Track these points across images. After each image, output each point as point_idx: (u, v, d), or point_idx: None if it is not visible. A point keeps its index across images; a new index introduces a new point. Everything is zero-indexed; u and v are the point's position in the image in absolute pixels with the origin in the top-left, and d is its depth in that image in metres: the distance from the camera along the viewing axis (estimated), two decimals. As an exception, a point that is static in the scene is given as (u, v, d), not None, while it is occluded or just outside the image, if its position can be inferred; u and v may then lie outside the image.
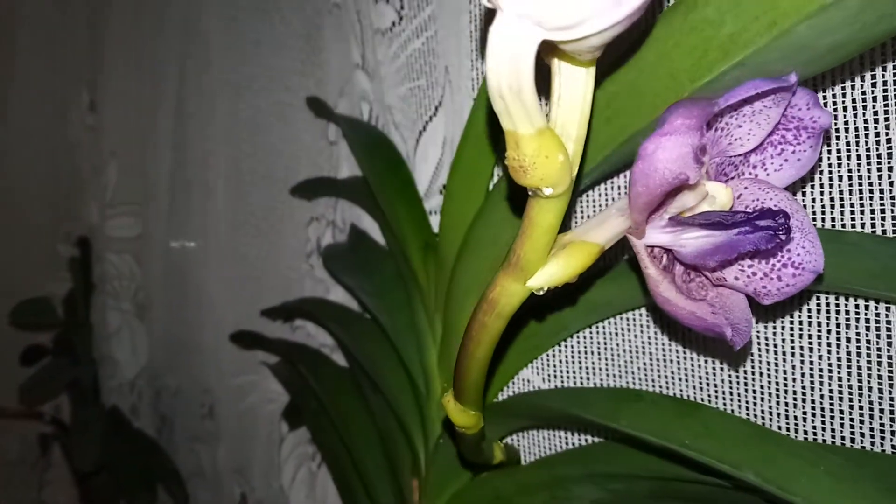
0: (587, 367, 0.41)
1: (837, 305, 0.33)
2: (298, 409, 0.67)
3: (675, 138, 0.19)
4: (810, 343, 0.34)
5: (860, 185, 0.31)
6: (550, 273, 0.21)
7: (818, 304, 0.33)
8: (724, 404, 0.36)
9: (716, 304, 0.23)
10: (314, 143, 0.68)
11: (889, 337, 0.31)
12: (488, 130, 0.36)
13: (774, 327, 0.34)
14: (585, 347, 0.41)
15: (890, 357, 0.32)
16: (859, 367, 0.32)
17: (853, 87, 0.30)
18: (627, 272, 0.36)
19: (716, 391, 0.37)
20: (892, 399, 0.32)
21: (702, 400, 0.37)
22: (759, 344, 0.35)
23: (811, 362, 0.34)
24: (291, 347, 0.62)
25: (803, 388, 0.34)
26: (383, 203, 0.48)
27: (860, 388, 0.32)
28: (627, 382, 0.40)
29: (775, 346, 0.34)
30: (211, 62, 0.76)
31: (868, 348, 0.32)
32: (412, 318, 0.46)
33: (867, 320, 0.32)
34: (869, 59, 0.29)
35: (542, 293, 0.22)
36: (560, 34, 0.15)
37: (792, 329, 0.34)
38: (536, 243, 0.20)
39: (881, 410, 0.32)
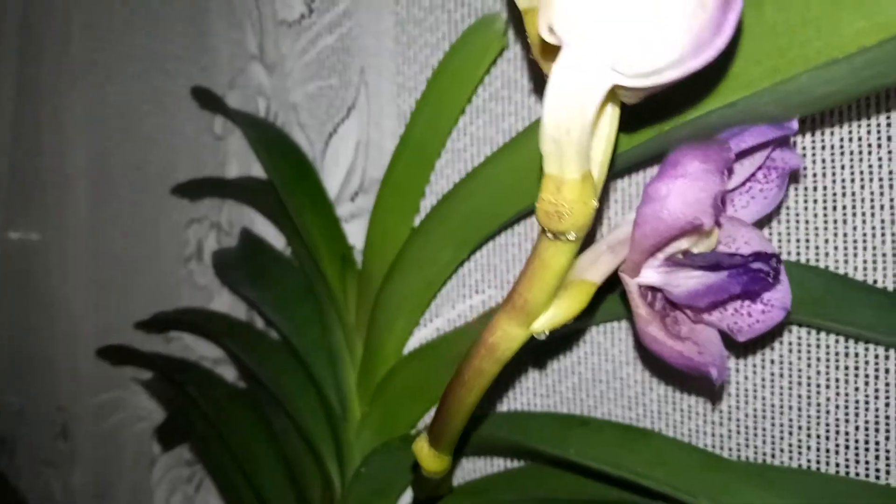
0: (514, 387, 0.41)
1: (762, 329, 0.35)
2: (174, 428, 0.62)
3: (691, 182, 0.19)
4: (736, 365, 0.35)
5: (787, 216, 0.34)
6: (553, 315, 0.21)
7: (745, 328, 0.35)
8: (652, 423, 0.38)
9: (699, 342, 0.24)
10: (198, 136, 0.63)
11: (808, 359, 0.34)
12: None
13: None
14: (512, 367, 0.41)
15: (809, 378, 0.34)
16: (781, 388, 0.35)
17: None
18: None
19: (644, 410, 0.38)
20: (808, 417, 0.34)
21: (630, 419, 0.38)
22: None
23: (737, 383, 0.35)
24: (172, 363, 0.57)
25: (729, 407, 0.36)
26: (293, 210, 0.45)
27: (781, 407, 0.35)
28: (555, 402, 0.40)
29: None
30: (71, 39, 0.68)
31: (790, 370, 0.34)
32: (325, 336, 0.44)
33: (790, 343, 0.34)
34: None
35: (543, 337, 0.21)
36: (634, 81, 0.14)
37: (719, 350, 0.36)
38: (546, 286, 0.20)
39: (799, 428, 0.34)
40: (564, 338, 0.39)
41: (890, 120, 0.30)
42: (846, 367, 0.33)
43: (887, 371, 0.32)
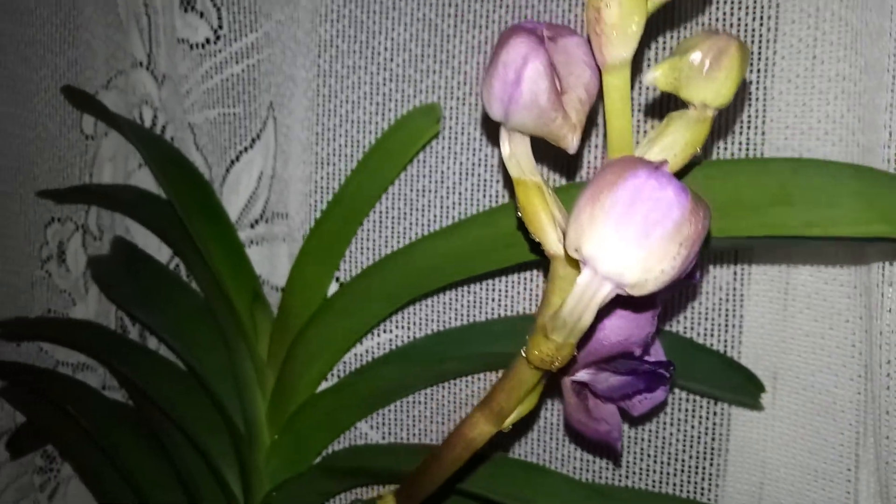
0: (413, 416, 0.47)
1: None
2: (31, 436, 0.61)
3: (629, 322, 0.26)
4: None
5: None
6: (518, 414, 0.27)
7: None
8: (532, 451, 0.45)
9: (609, 422, 0.31)
10: (63, 132, 0.61)
11: (658, 401, 0.43)
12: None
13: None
14: (413, 398, 0.46)
15: (657, 417, 0.43)
16: (635, 423, 0.44)
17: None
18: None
19: (525, 440, 0.46)
20: (655, 447, 0.44)
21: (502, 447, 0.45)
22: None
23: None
24: (39, 374, 0.56)
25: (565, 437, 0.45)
26: (197, 236, 0.47)
27: (635, 438, 0.44)
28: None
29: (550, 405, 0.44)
30: None
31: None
32: (232, 364, 0.47)
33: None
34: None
35: (508, 429, 0.27)
36: (630, 293, 0.21)
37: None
38: (518, 396, 0.26)
39: (648, 455, 0.44)
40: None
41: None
42: (685, 410, 0.43)
43: (715, 413, 0.42)
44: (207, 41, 0.50)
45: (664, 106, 0.40)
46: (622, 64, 0.22)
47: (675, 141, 0.23)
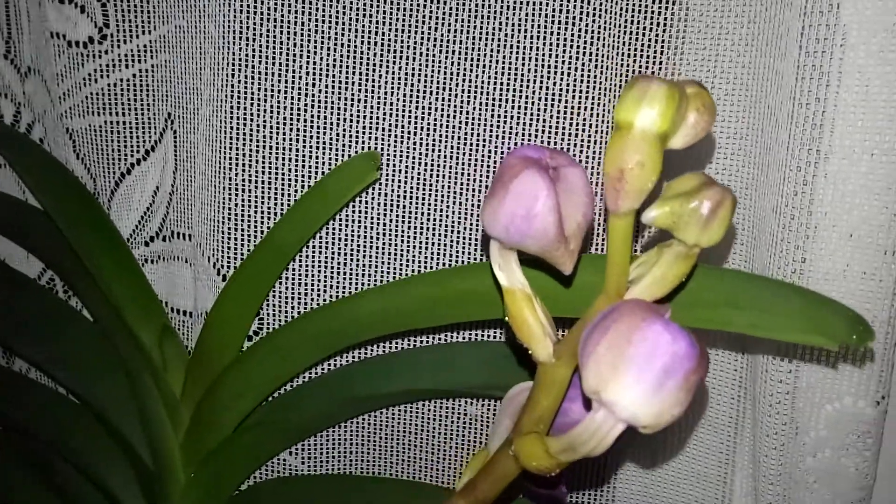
0: (333, 441, 0.47)
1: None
2: None
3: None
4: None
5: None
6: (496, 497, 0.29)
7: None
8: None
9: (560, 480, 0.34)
10: None
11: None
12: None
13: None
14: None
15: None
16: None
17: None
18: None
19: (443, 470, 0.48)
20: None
21: (432, 479, 0.48)
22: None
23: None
24: None
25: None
26: (87, 258, 0.43)
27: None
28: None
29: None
30: None
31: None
32: (135, 397, 0.44)
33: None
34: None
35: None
36: (642, 430, 0.23)
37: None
38: (501, 487, 0.28)
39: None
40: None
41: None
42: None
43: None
44: (91, 40, 0.45)
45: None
46: (631, 212, 0.23)
47: (665, 274, 0.25)
